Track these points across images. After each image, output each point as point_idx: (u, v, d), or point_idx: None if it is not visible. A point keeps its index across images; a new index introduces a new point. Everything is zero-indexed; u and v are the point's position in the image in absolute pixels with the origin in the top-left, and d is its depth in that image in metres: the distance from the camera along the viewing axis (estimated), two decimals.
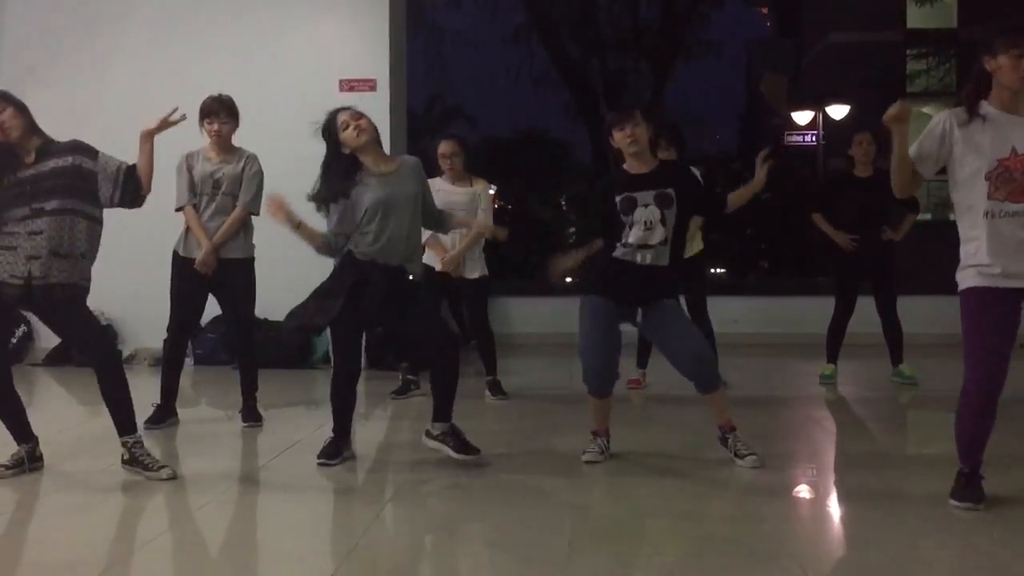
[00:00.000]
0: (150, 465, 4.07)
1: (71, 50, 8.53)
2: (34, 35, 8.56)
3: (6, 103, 4.03)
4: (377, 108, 8.21)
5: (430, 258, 6.11)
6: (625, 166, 4.26)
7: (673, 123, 7.79)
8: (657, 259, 4.13)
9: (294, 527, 3.63)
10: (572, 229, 22.11)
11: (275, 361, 7.35)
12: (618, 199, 4.15)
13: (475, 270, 6.14)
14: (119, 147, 4.69)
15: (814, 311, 7.74)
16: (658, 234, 4.10)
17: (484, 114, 52.17)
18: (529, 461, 4.48)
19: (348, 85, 8.21)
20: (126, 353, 8.30)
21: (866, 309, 6.71)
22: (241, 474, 4.46)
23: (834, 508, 3.87)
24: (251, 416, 5.26)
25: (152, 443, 4.96)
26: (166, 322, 8.08)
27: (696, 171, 4.65)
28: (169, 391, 5.24)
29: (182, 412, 5.41)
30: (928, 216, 20.01)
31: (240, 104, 7.96)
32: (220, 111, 5.15)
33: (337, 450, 4.31)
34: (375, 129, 4.26)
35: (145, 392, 7.15)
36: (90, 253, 4.10)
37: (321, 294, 4.20)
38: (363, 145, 4.21)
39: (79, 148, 4.11)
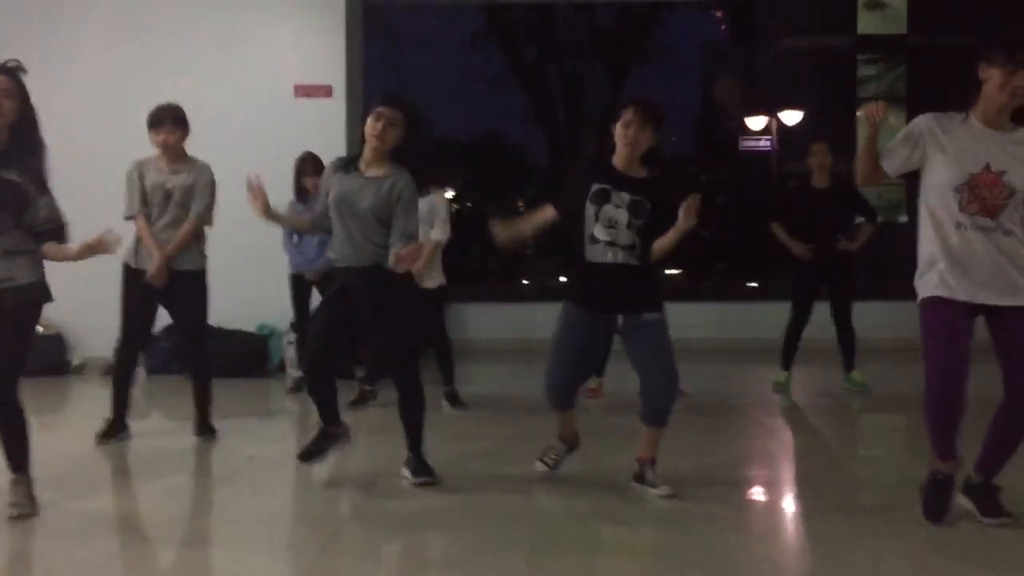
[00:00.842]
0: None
1: (20, 53, 8.32)
2: None
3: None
4: (333, 114, 8.24)
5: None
6: (614, 159, 4.04)
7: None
8: (628, 259, 3.93)
9: (245, 550, 3.53)
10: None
11: (230, 370, 7.24)
12: (595, 186, 3.94)
13: (433, 279, 6.11)
14: (68, 153, 4.59)
15: (770, 316, 7.82)
16: (624, 236, 3.91)
17: (442, 116, 52.01)
18: (486, 480, 4.41)
19: (303, 91, 8.14)
20: (75, 363, 8.17)
21: (821, 314, 6.79)
22: (192, 496, 4.35)
23: (788, 521, 3.90)
24: (204, 429, 5.17)
25: (103, 458, 4.91)
26: (116, 332, 8.00)
27: None
28: (120, 404, 5.13)
29: (134, 425, 5.29)
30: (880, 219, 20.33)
31: (193, 110, 7.81)
32: (166, 120, 5.04)
33: (324, 446, 4.34)
34: (391, 140, 4.08)
35: (93, 404, 7.11)
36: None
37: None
38: (371, 145, 4.10)
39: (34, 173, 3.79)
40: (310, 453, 4.31)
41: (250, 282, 7.73)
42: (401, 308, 4.18)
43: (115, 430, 5.08)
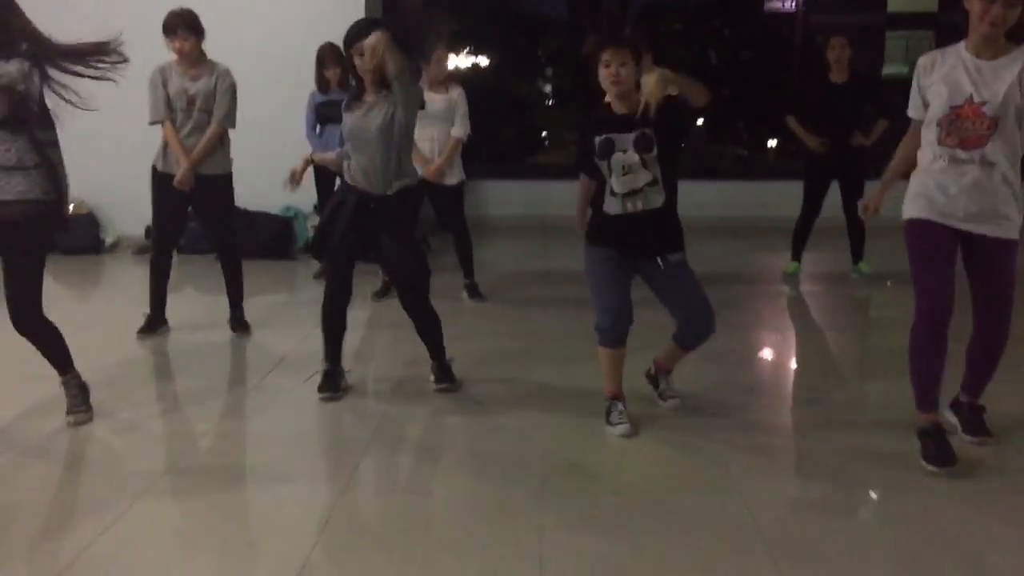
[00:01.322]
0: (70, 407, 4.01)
1: None
2: None
3: None
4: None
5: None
6: (607, 101, 3.97)
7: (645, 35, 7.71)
8: (649, 202, 3.81)
9: (272, 476, 3.60)
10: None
11: (256, 251, 7.52)
12: (597, 140, 3.85)
13: (453, 176, 6.27)
14: None
15: (784, 196, 7.92)
16: (643, 177, 3.79)
17: None
18: (505, 389, 4.58)
19: None
20: (109, 241, 8.46)
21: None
22: (233, 397, 4.58)
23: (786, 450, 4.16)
24: (239, 326, 5.48)
25: (145, 354, 5.23)
26: (147, 209, 8.26)
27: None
28: (158, 300, 5.43)
29: (170, 315, 5.59)
30: None
31: (210, 26, 7.85)
32: (178, 27, 5.10)
33: (335, 383, 4.40)
34: (377, 59, 4.01)
35: (128, 284, 7.46)
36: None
37: (322, 220, 4.43)
38: (363, 74, 4.14)
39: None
40: (325, 387, 4.41)
41: (274, 166, 7.85)
42: (407, 233, 4.29)
43: (155, 325, 5.39)
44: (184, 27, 5.09)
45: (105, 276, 7.86)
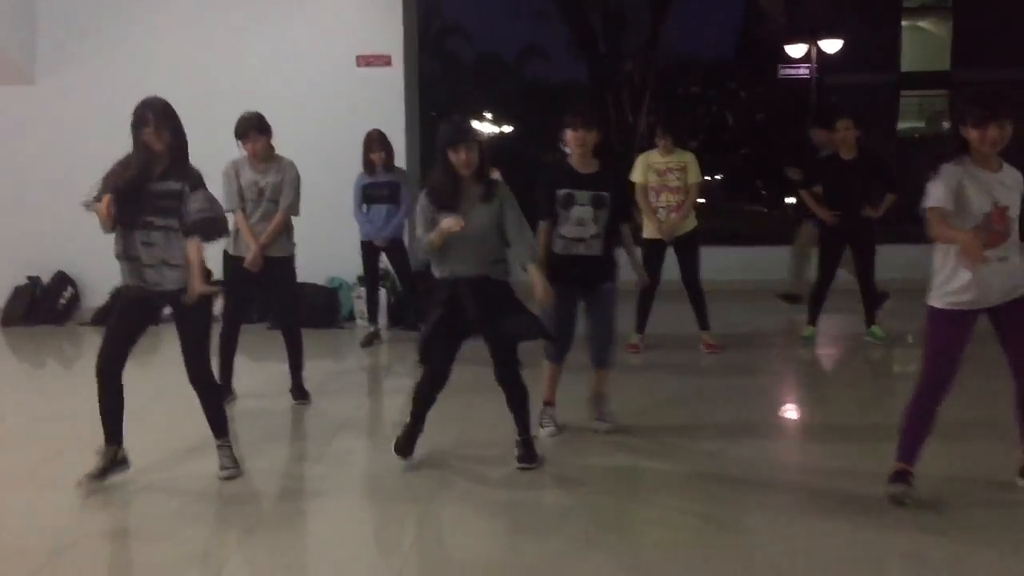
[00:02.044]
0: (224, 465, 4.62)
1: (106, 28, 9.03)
2: (70, 15, 9.00)
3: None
4: (393, 83, 8.84)
5: None
6: (570, 160, 4.96)
7: (668, 113, 8.33)
8: (590, 250, 4.85)
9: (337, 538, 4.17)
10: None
11: (303, 320, 8.01)
12: (560, 193, 4.82)
13: None
14: None
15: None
16: (590, 229, 4.83)
17: (481, 28, 52.24)
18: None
19: (365, 61, 8.73)
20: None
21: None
22: (306, 462, 5.13)
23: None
24: (300, 394, 5.97)
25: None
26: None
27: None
28: (227, 372, 5.93)
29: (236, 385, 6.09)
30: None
31: (261, 82, 8.55)
32: (250, 131, 5.70)
33: (410, 445, 4.69)
34: (477, 161, 4.36)
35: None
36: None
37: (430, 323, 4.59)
38: (464, 170, 4.38)
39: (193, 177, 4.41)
40: (527, 457, 4.60)
41: (321, 239, 8.47)
42: (508, 313, 4.48)
43: (225, 395, 5.89)
44: (255, 130, 5.69)
45: (170, 347, 8.27)
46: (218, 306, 8.33)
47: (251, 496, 4.52)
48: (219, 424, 4.68)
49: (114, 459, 4.50)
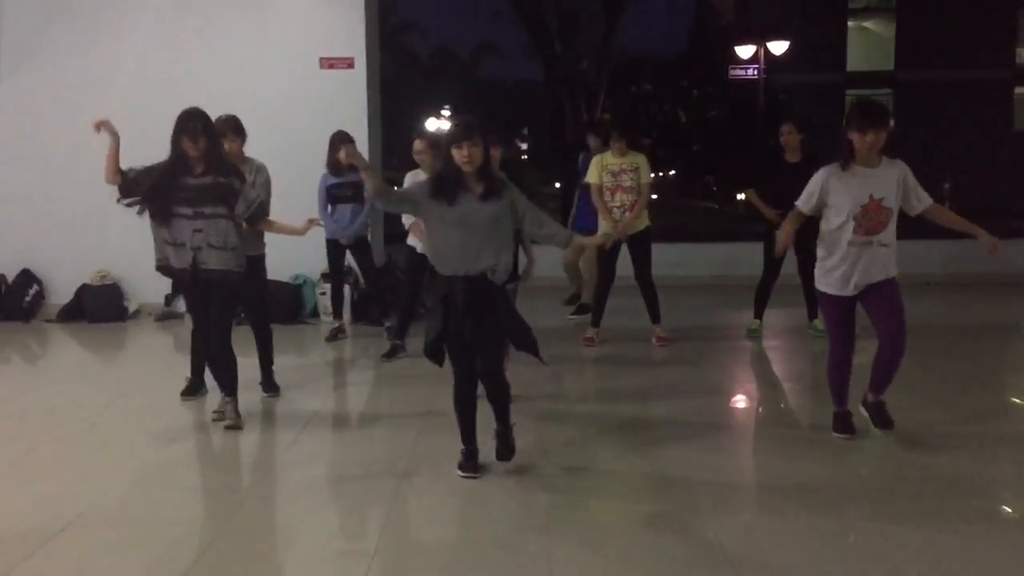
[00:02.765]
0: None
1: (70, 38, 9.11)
2: (34, 15, 9.08)
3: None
4: (355, 85, 9.05)
5: (413, 240, 7.04)
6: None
7: (622, 117, 8.66)
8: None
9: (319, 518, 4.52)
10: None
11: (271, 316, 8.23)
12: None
13: None
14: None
15: (749, 256, 8.73)
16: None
17: (437, 25, 52.45)
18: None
19: (328, 63, 8.92)
20: (131, 309, 9.16)
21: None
22: (276, 453, 5.33)
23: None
24: (270, 388, 6.18)
25: (190, 415, 5.92)
26: (166, 278, 8.95)
27: None
28: (199, 366, 6.12)
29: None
30: None
31: (226, 83, 8.72)
32: (227, 131, 5.92)
33: (474, 463, 4.60)
34: (479, 158, 4.37)
35: (153, 347, 8.16)
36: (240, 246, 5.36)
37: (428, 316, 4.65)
38: (466, 170, 4.39)
39: (236, 171, 5.39)
40: (469, 472, 4.57)
41: (285, 238, 8.62)
42: (497, 315, 4.50)
43: (196, 388, 6.10)
44: (232, 131, 5.90)
45: (136, 343, 8.54)
46: (184, 304, 8.62)
47: (222, 488, 4.73)
48: (230, 384, 5.45)
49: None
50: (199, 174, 5.18)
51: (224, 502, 4.47)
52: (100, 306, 8.93)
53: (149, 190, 5.14)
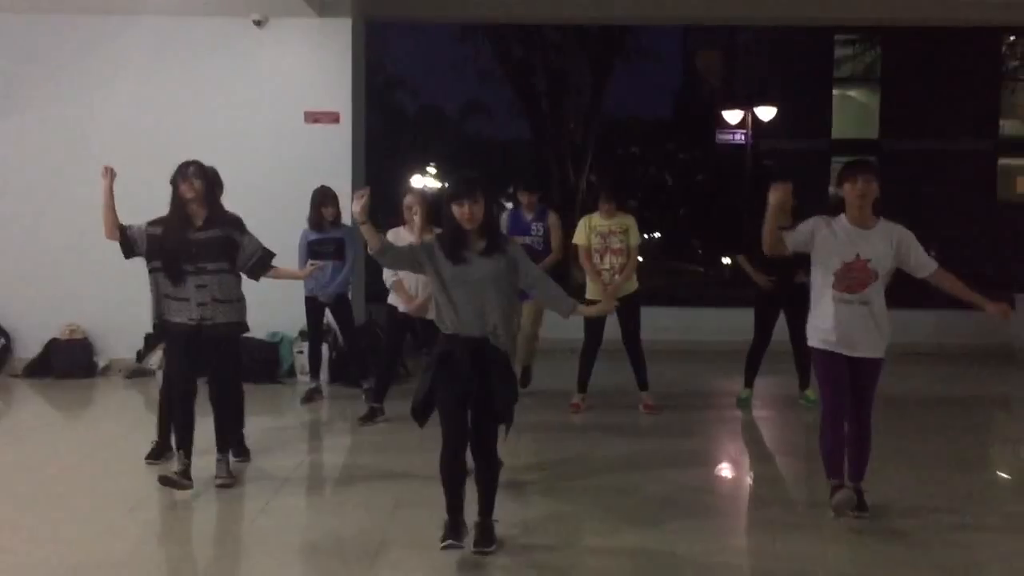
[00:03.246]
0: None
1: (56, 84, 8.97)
2: (15, 59, 8.92)
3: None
4: (340, 139, 8.92)
5: (395, 300, 6.83)
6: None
7: (611, 178, 8.57)
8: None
9: None
10: None
11: (243, 374, 7.94)
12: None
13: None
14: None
15: (739, 321, 8.56)
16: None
17: (425, 83, 53.05)
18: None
19: (313, 117, 8.79)
20: (101, 365, 8.87)
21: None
22: (245, 520, 5.01)
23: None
24: (240, 452, 5.85)
25: (153, 479, 5.59)
26: (138, 333, 8.70)
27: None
28: (166, 431, 5.79)
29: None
30: None
31: (210, 135, 8.57)
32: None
33: (460, 535, 4.23)
34: (481, 216, 4.21)
35: (122, 406, 7.86)
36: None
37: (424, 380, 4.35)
38: (468, 225, 4.22)
39: (235, 223, 5.30)
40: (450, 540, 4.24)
41: (262, 293, 8.42)
42: (511, 369, 4.36)
43: (160, 452, 5.78)
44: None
45: (104, 400, 8.24)
46: (156, 359, 8.34)
47: (184, 560, 4.47)
48: (224, 440, 5.33)
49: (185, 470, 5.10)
50: (200, 227, 5.14)
51: (189, 572, 4.18)
52: (68, 361, 8.64)
53: (158, 250, 5.11)
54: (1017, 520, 4.99)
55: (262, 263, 5.36)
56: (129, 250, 5.25)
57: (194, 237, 5.11)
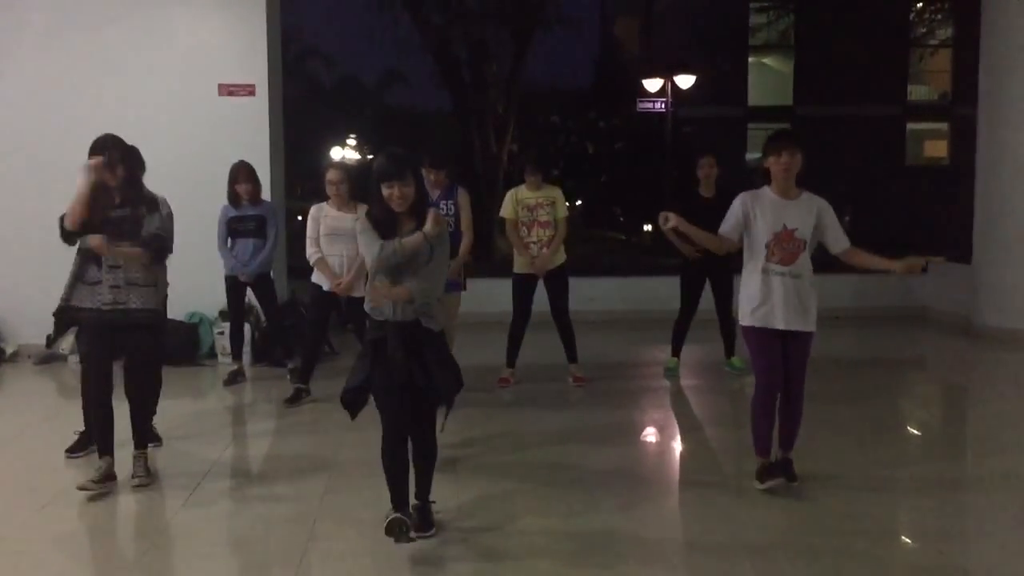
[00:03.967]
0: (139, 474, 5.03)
1: None
2: None
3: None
4: (256, 112, 8.63)
5: (318, 278, 6.65)
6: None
7: (537, 150, 8.44)
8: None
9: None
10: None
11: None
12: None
13: (360, 289, 6.69)
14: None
15: (664, 290, 8.61)
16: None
17: (343, 53, 51.96)
18: None
19: (227, 90, 8.48)
20: (8, 351, 8.48)
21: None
22: (168, 510, 4.84)
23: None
24: (152, 437, 5.58)
25: (71, 473, 5.35)
26: (47, 317, 8.35)
27: None
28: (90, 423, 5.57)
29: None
30: None
31: (120, 108, 8.23)
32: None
33: (404, 527, 4.03)
34: (412, 196, 4.05)
35: (32, 394, 7.51)
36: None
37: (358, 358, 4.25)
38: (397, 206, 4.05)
39: (151, 203, 5.05)
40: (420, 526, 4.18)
41: (180, 273, 8.12)
42: (447, 351, 4.27)
43: (85, 444, 5.53)
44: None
45: (12, 389, 7.85)
46: (68, 343, 8.00)
47: (107, 557, 4.32)
48: (142, 436, 5.10)
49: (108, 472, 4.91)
50: (117, 204, 4.92)
51: (115, 560, 4.02)
52: None
53: (82, 224, 4.85)
54: (932, 480, 5.12)
55: (152, 243, 4.93)
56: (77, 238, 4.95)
57: (111, 214, 4.89)
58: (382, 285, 4.06)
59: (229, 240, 7.25)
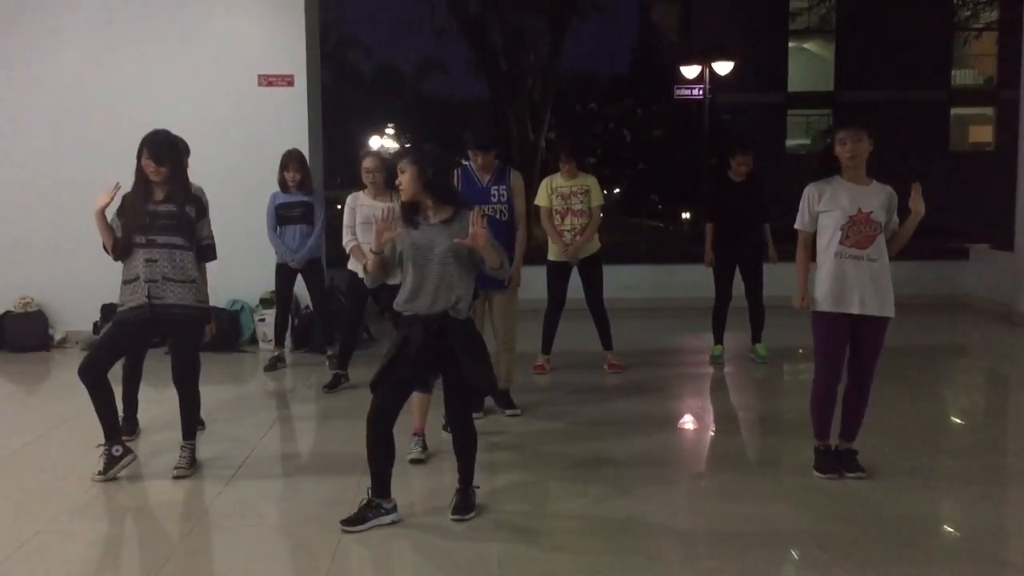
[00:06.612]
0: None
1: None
2: None
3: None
4: (295, 102, 8.72)
5: (355, 265, 6.72)
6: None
7: (572, 138, 8.44)
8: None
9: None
10: None
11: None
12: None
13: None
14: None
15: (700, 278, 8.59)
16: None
17: (381, 42, 52.18)
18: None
19: (266, 80, 8.58)
20: (57, 337, 8.68)
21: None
22: (208, 493, 4.93)
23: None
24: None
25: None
26: (94, 305, 8.54)
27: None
28: (131, 404, 5.71)
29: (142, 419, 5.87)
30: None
31: (162, 101, 8.35)
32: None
33: (364, 515, 4.22)
34: (417, 182, 4.15)
35: (79, 380, 7.62)
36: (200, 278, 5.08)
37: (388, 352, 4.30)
38: (410, 197, 4.19)
39: (197, 201, 5.09)
40: (352, 520, 4.23)
41: (221, 261, 8.27)
42: (481, 344, 4.33)
43: (134, 429, 5.67)
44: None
45: (60, 375, 7.98)
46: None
47: (149, 538, 4.42)
48: (188, 427, 5.12)
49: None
50: (160, 200, 4.91)
51: (151, 555, 4.12)
52: (22, 335, 8.45)
53: (116, 248, 4.92)
54: (975, 470, 5.08)
55: (208, 253, 5.12)
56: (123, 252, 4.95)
57: (151, 208, 4.88)
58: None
59: (278, 227, 7.36)
